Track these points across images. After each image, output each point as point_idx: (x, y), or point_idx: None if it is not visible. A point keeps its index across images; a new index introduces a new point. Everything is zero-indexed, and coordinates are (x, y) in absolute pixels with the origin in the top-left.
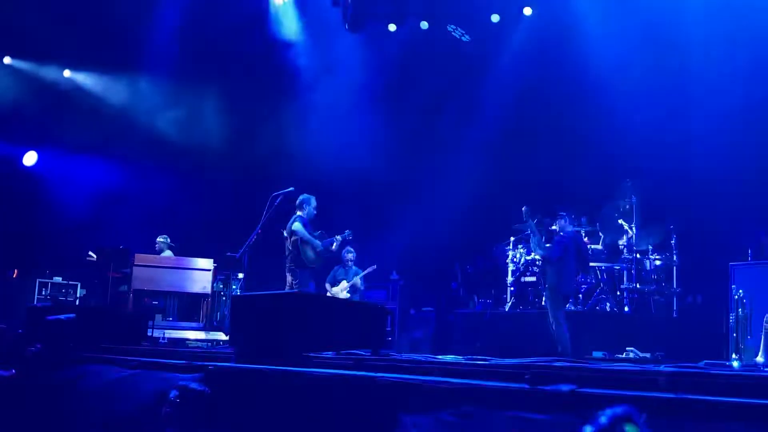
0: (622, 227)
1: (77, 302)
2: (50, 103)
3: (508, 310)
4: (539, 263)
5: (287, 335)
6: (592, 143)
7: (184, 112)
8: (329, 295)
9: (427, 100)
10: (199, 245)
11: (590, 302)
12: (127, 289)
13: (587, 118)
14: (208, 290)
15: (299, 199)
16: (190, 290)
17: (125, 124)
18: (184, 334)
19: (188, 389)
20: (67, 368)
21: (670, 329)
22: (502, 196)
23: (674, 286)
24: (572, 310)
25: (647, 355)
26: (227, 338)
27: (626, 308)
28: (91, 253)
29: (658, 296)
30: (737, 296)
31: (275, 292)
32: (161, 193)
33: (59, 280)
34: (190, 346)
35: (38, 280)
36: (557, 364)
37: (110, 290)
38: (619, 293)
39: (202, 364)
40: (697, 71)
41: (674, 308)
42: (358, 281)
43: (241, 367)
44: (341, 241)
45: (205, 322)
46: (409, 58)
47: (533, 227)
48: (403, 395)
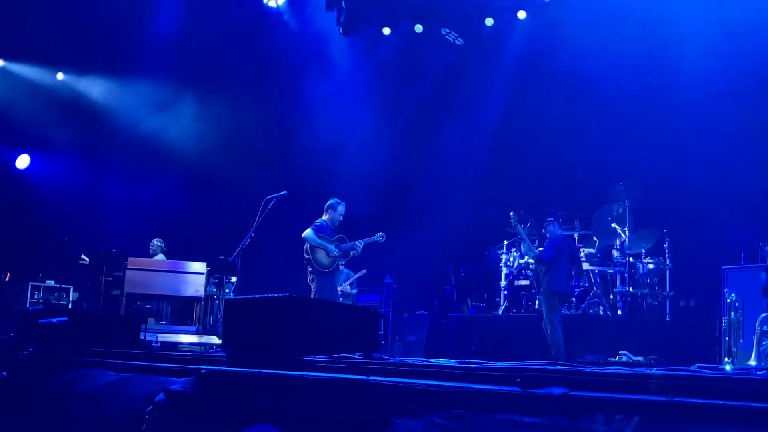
0: (615, 231)
1: (70, 306)
2: (43, 105)
3: (501, 313)
4: (533, 266)
5: (280, 339)
6: (585, 147)
7: (177, 114)
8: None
9: (421, 104)
10: (192, 249)
11: (583, 306)
12: (119, 292)
13: (581, 121)
14: (201, 294)
15: (327, 202)
16: (183, 294)
17: (118, 126)
18: (177, 337)
19: (179, 392)
20: (59, 372)
21: (662, 333)
22: (495, 199)
23: (667, 289)
24: (565, 313)
25: (640, 358)
26: (220, 342)
27: (619, 312)
28: (83, 256)
29: (651, 300)
30: (730, 300)
31: (268, 295)
32: (154, 196)
33: (52, 283)
34: (182, 349)
35: (30, 283)
36: (549, 367)
37: (103, 294)
38: (612, 297)
39: (194, 367)
40: (690, 75)
41: (667, 312)
42: (347, 288)
43: (233, 370)
44: (365, 244)
45: (198, 325)
46: (402, 61)
47: (522, 233)
48: (395, 399)
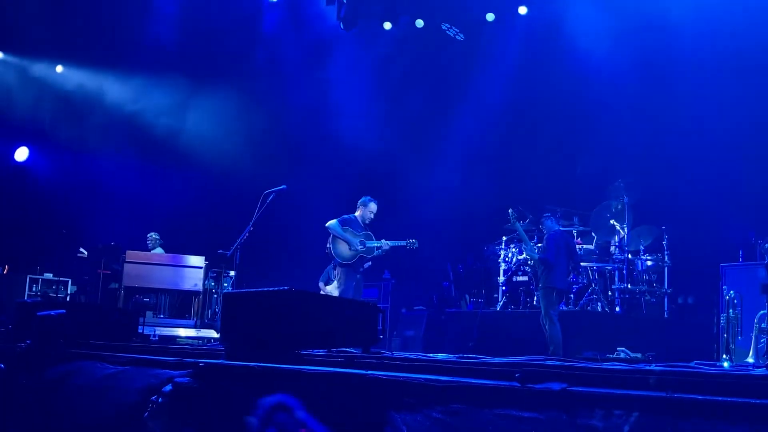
0: (614, 227)
1: (68, 298)
2: (42, 98)
3: (499, 309)
4: (531, 263)
5: (278, 332)
6: (584, 143)
7: (176, 109)
8: (322, 293)
9: (420, 99)
10: (190, 242)
11: (581, 302)
12: (117, 285)
13: (580, 117)
14: (199, 287)
15: (360, 199)
16: (181, 287)
17: (117, 120)
18: (175, 331)
19: (177, 385)
20: (56, 364)
21: (661, 330)
22: (494, 195)
23: (665, 286)
24: (563, 309)
25: (638, 355)
26: (218, 335)
27: (617, 308)
28: (82, 249)
29: (649, 296)
30: (728, 297)
31: (266, 289)
32: (153, 190)
33: (50, 276)
34: (180, 343)
35: (29, 276)
36: (548, 363)
37: (101, 287)
38: (610, 293)
39: (192, 360)
40: (690, 72)
41: (665, 309)
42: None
43: (231, 364)
44: (392, 247)
45: (196, 319)
46: (403, 56)
47: (521, 231)
48: (393, 393)
